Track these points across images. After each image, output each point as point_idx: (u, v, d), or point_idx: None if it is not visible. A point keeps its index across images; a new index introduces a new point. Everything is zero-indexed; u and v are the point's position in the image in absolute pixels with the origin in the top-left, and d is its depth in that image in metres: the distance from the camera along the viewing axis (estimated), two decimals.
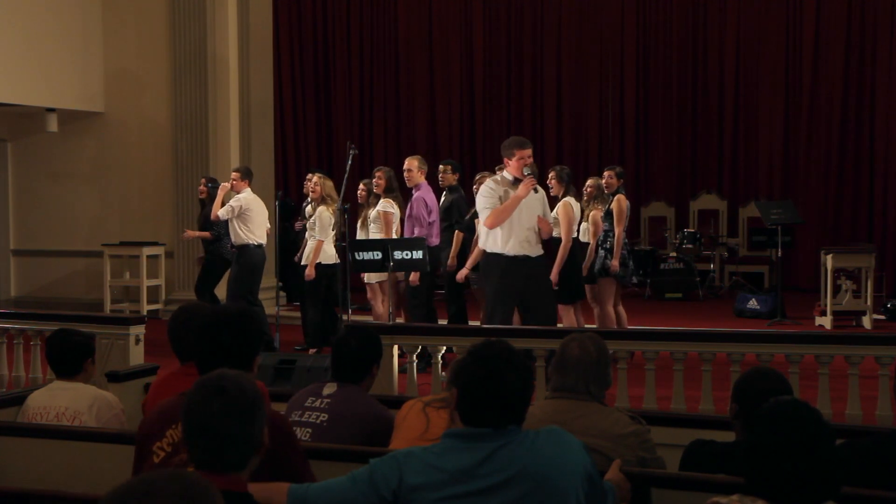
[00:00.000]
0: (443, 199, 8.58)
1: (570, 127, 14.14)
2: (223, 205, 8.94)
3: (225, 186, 9.08)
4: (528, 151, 6.62)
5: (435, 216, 8.40)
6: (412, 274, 7.98)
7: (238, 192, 8.93)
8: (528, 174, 6.54)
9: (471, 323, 8.18)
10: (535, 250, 6.75)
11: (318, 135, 14.84)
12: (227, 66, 11.78)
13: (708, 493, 2.54)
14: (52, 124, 12.17)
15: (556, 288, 7.40)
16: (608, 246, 8.15)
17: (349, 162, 8.23)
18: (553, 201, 7.81)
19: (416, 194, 8.39)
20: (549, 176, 8.08)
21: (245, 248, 8.85)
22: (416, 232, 8.22)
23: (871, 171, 12.99)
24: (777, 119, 13.39)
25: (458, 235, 8.31)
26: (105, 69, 12.41)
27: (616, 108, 13.98)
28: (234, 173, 9.13)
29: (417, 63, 14.44)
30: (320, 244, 8.52)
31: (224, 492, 2.19)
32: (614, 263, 8.08)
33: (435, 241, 8.34)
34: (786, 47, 13.31)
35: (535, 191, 6.61)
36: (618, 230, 8.13)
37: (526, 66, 14.22)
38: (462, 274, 7.97)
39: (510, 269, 6.64)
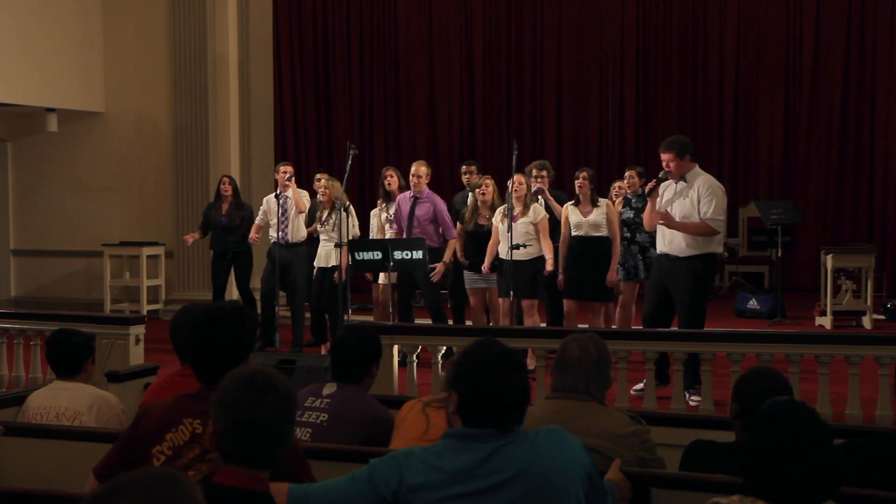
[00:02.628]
0: (469, 199, 8.56)
1: (571, 127, 14.13)
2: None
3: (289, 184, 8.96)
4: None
5: None
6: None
7: (286, 189, 8.91)
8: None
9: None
10: (674, 249, 6.76)
11: (318, 135, 14.83)
12: (227, 66, 11.78)
13: (708, 493, 2.53)
14: (52, 124, 12.17)
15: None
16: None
17: (349, 162, 8.23)
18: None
19: (436, 199, 8.42)
20: (581, 177, 8.02)
21: (305, 242, 9.01)
22: (448, 234, 8.30)
23: (871, 171, 12.99)
24: (777, 119, 13.39)
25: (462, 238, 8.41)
26: (105, 69, 12.41)
27: (616, 108, 13.97)
28: (290, 168, 9.07)
29: (417, 63, 14.43)
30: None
31: (250, 492, 2.26)
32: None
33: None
34: (786, 47, 13.30)
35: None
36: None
37: (526, 67, 14.21)
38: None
39: (654, 263, 7.06)
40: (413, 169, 8.49)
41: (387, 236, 8.48)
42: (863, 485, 2.75)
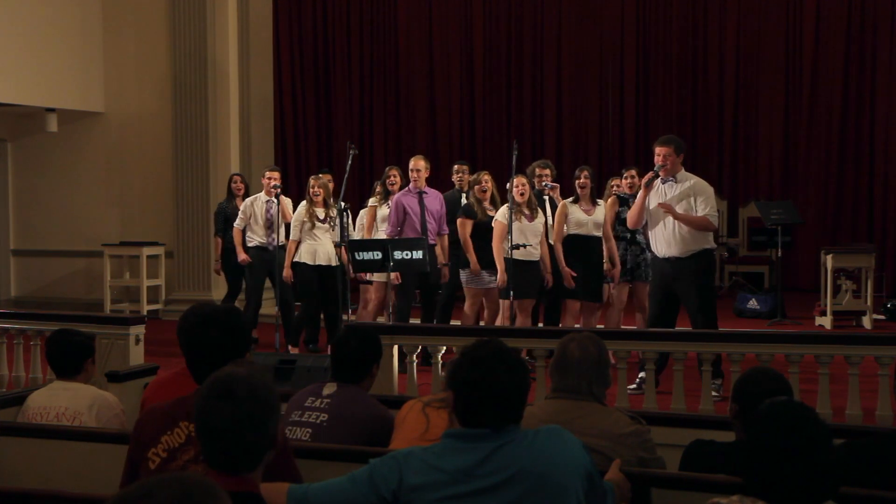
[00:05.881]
0: (463, 200, 8.54)
1: (570, 126, 14.12)
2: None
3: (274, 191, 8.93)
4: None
5: None
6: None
7: (271, 194, 8.93)
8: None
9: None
10: (676, 251, 6.88)
11: (318, 135, 14.82)
12: (227, 66, 11.79)
13: (708, 493, 2.54)
14: (52, 124, 12.18)
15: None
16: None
17: (349, 162, 8.23)
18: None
19: (438, 194, 8.45)
20: (583, 176, 8.01)
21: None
22: (443, 229, 8.32)
23: (871, 171, 12.98)
24: (777, 119, 13.38)
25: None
26: (105, 69, 12.41)
27: (616, 108, 13.97)
28: (276, 174, 9.01)
29: (417, 63, 14.43)
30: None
31: (235, 493, 2.16)
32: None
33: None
34: (786, 47, 13.30)
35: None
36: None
37: (526, 66, 14.21)
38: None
39: (654, 267, 7.22)
40: (412, 164, 8.42)
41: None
42: (863, 485, 2.75)
